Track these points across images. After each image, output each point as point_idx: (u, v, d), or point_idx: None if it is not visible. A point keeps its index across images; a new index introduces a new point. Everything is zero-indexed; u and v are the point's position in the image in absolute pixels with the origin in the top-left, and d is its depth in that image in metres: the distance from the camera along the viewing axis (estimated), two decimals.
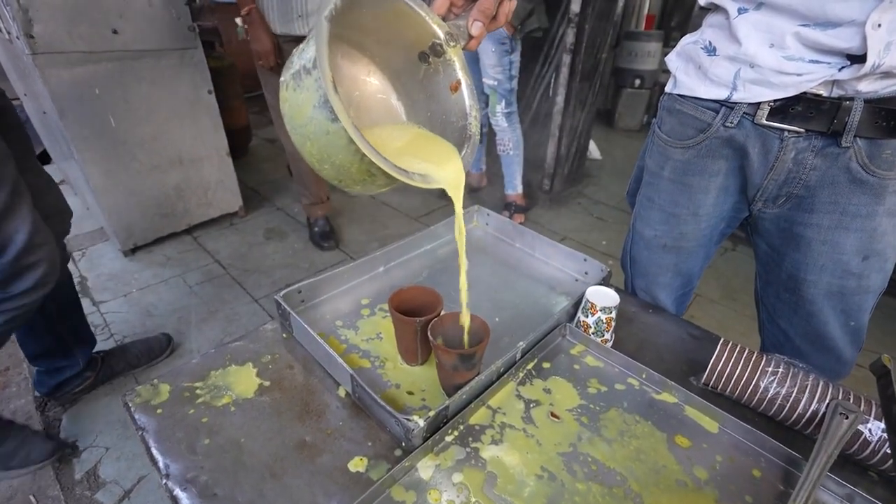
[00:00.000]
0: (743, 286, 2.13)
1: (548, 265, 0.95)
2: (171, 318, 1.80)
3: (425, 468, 0.57)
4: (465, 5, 0.59)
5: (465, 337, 0.66)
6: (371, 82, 0.63)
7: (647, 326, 0.82)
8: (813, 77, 0.65)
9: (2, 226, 0.93)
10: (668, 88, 0.83)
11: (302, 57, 0.46)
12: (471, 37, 0.57)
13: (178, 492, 0.54)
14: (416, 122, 0.64)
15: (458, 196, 0.58)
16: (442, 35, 0.57)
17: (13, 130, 1.06)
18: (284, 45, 1.81)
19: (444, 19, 0.58)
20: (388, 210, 2.66)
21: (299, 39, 1.61)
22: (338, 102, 0.44)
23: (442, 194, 2.98)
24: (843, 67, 0.63)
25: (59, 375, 1.36)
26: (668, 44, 3.95)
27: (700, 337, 0.79)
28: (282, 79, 0.49)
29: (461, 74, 0.60)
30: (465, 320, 0.65)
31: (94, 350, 1.45)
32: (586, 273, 0.90)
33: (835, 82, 0.65)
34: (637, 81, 3.87)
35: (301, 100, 0.46)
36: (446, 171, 0.56)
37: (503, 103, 2.32)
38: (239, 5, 1.75)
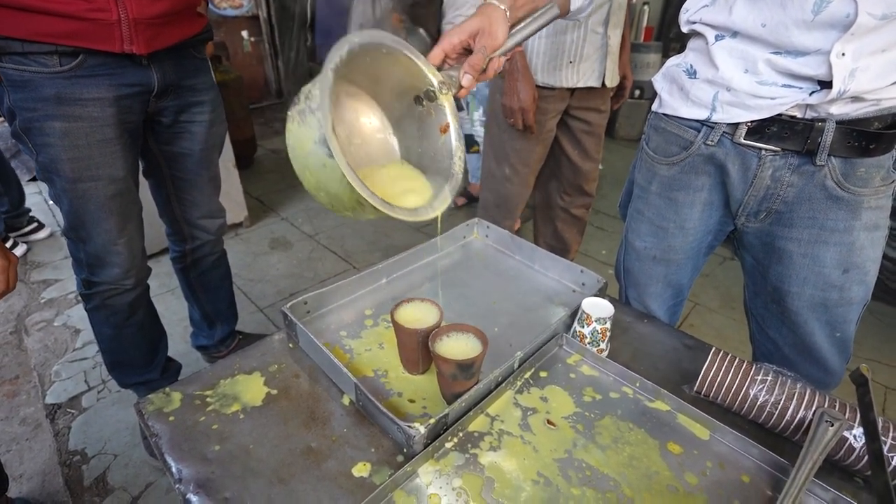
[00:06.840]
0: (742, 295, 2.15)
1: (546, 276, 0.98)
2: (178, 327, 1.83)
3: (426, 473, 0.59)
4: (458, 58, 0.68)
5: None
6: (372, 122, 0.72)
7: (641, 336, 0.84)
8: (785, 101, 0.68)
9: None
10: (654, 107, 0.87)
11: (309, 98, 0.53)
12: (461, 87, 0.66)
13: (190, 496, 0.56)
14: (409, 157, 0.73)
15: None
16: (436, 83, 0.65)
17: None
18: (539, 102, 1.48)
19: (438, 69, 0.67)
20: (392, 221, 2.69)
21: (557, 93, 1.49)
22: (335, 143, 0.51)
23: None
24: (813, 92, 0.67)
25: (199, 340, 1.61)
26: (667, 55, 3.99)
27: (693, 346, 0.82)
28: (289, 112, 0.55)
29: (451, 118, 0.68)
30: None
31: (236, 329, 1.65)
32: (583, 284, 0.93)
33: (808, 105, 0.68)
34: (637, 92, 3.92)
35: (304, 134, 0.53)
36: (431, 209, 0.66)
37: (481, 110, 2.32)
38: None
